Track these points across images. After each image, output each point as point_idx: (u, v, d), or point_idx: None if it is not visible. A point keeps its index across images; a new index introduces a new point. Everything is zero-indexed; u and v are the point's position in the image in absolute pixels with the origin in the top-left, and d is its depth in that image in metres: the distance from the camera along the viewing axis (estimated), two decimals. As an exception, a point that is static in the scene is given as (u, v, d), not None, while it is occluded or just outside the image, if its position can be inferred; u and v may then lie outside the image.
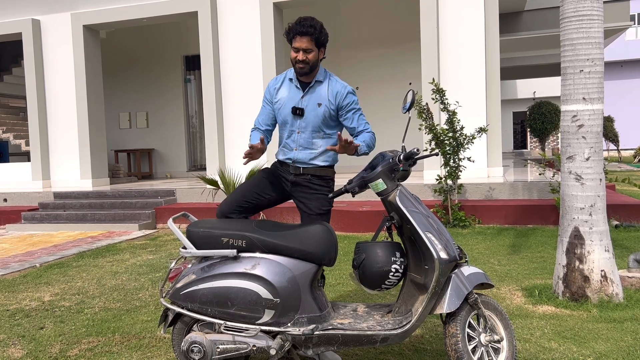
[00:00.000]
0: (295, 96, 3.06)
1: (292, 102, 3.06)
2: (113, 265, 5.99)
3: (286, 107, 3.07)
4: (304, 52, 2.91)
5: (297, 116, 3.05)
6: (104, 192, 9.78)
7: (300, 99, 3.05)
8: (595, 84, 3.99)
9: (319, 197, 3.10)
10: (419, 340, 3.40)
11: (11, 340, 3.74)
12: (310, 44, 2.90)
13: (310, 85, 3.04)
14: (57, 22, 10.97)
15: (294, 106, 3.05)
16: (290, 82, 3.08)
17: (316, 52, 2.94)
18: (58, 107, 11.06)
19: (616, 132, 22.16)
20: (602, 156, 4.08)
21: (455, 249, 2.65)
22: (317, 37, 2.90)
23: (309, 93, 3.04)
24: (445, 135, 7.18)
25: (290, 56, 2.98)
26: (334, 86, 3.04)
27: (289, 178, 3.13)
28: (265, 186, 3.15)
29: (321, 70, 3.06)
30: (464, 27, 8.87)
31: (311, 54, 2.92)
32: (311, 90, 3.04)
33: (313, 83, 3.04)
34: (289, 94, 3.07)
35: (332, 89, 3.03)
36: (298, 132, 3.07)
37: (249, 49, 9.92)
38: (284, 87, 3.10)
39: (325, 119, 3.04)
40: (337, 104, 3.03)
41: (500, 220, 7.39)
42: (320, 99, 3.03)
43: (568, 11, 4.03)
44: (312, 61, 2.93)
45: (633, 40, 28.96)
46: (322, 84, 3.04)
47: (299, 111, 3.03)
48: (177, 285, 2.72)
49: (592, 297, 3.97)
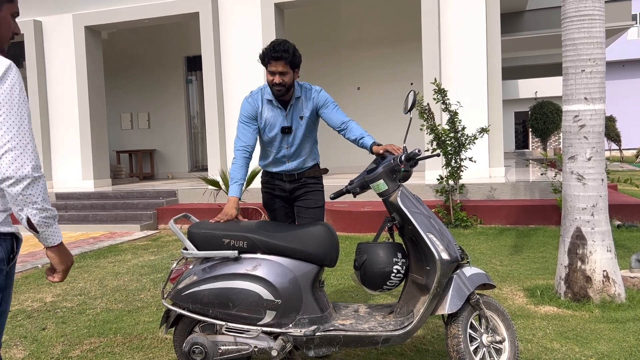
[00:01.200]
0: (280, 116, 3.15)
1: (278, 122, 3.15)
2: (115, 266, 6.00)
3: (274, 128, 3.15)
4: (280, 75, 3.00)
5: (286, 134, 3.17)
6: (106, 193, 9.79)
7: (284, 118, 3.15)
8: (596, 83, 3.99)
9: (315, 192, 3.30)
10: (421, 341, 3.40)
11: (13, 341, 3.75)
12: (285, 67, 2.98)
13: (291, 104, 3.14)
14: (59, 23, 10.98)
15: (283, 126, 3.14)
16: (270, 103, 3.14)
17: (291, 74, 3.03)
18: (60, 108, 11.08)
19: (618, 132, 22.13)
20: (604, 156, 4.07)
21: (457, 249, 2.65)
22: (290, 60, 2.98)
23: (292, 110, 3.16)
24: (447, 135, 7.17)
25: (267, 79, 3.07)
26: (307, 94, 3.17)
27: (286, 188, 3.29)
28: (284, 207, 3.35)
29: (296, 87, 3.15)
30: (466, 27, 8.86)
31: (286, 76, 3.01)
32: (293, 106, 3.16)
33: (294, 101, 3.14)
34: (274, 115, 3.14)
35: (306, 96, 3.16)
36: (287, 148, 3.20)
37: (250, 49, 9.92)
38: (266, 108, 3.15)
39: (309, 126, 3.20)
40: (314, 107, 3.17)
41: (502, 221, 7.38)
42: (300, 112, 3.16)
43: (569, 11, 4.02)
44: (287, 83, 3.03)
45: (635, 40, 28.91)
46: (300, 98, 3.16)
47: (287, 129, 3.15)
48: (178, 286, 2.72)
49: (594, 298, 3.96)
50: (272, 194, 3.35)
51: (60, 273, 1.91)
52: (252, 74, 9.92)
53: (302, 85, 3.18)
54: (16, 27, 1.98)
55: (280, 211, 3.37)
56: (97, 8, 10.73)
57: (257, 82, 9.89)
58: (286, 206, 3.37)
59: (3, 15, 1.89)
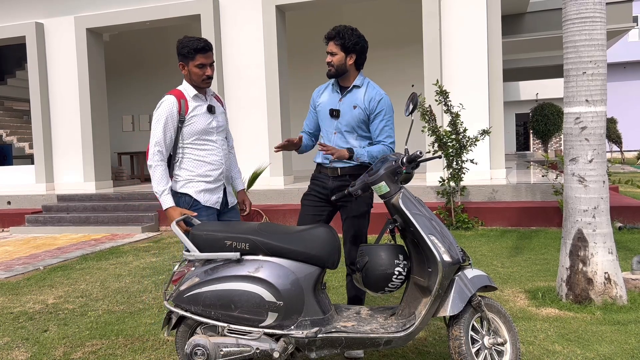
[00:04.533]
0: (334, 99, 3.24)
1: (330, 104, 3.25)
2: (116, 268, 6.00)
3: (325, 110, 3.27)
4: (330, 55, 3.16)
5: (333, 117, 3.21)
6: (108, 195, 9.81)
7: (338, 102, 3.22)
8: (598, 85, 3.99)
9: (357, 199, 3.17)
10: (423, 343, 3.40)
11: (15, 343, 3.75)
12: (334, 47, 3.13)
13: (348, 90, 3.20)
14: (60, 25, 11.01)
15: (331, 108, 3.22)
16: (332, 87, 3.29)
17: (341, 56, 3.12)
18: (61, 110, 11.10)
19: (619, 134, 22.13)
20: (605, 158, 4.07)
21: (459, 251, 2.65)
22: (341, 42, 3.11)
23: (347, 96, 3.20)
24: (448, 137, 7.17)
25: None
26: (370, 92, 3.18)
27: (328, 185, 3.22)
28: (316, 208, 3.26)
29: (360, 77, 3.22)
30: (467, 29, 8.87)
31: (335, 57, 3.14)
32: (349, 94, 3.20)
33: (351, 87, 3.20)
34: (328, 98, 3.27)
35: (368, 94, 3.17)
36: (334, 133, 3.22)
37: (251, 51, 9.93)
38: (326, 92, 3.31)
39: (359, 120, 3.17)
40: (370, 109, 3.16)
41: (504, 222, 7.38)
42: (356, 101, 3.18)
43: (571, 13, 4.03)
44: (336, 64, 3.14)
45: (636, 42, 28.91)
46: (360, 89, 3.20)
47: (335, 112, 3.20)
48: (180, 288, 2.73)
49: (596, 300, 3.96)
50: (313, 189, 3.27)
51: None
52: (254, 76, 9.93)
53: (369, 82, 3.22)
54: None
55: (308, 209, 3.24)
56: (99, 10, 10.76)
57: (259, 85, 9.91)
58: (319, 206, 3.24)
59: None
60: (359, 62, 3.19)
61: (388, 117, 3.16)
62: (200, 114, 3.18)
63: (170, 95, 3.16)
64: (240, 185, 3.54)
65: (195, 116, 3.16)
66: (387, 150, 3.14)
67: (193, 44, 3.12)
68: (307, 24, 12.73)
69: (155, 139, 3.10)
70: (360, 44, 3.13)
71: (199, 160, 3.19)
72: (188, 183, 3.18)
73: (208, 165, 3.21)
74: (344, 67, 3.15)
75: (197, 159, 3.19)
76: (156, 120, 3.12)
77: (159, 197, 3.07)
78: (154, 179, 3.09)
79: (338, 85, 3.25)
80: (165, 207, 3.05)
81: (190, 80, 3.20)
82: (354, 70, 3.20)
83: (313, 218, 3.24)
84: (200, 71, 3.14)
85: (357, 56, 3.15)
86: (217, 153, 3.24)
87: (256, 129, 9.95)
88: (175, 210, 3.03)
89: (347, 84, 3.22)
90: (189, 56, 3.13)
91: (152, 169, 3.09)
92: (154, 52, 13.91)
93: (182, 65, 3.18)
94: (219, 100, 3.40)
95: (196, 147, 3.19)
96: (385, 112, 3.15)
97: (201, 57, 3.13)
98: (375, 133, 3.17)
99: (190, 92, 3.20)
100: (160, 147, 3.10)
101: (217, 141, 3.26)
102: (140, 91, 14.06)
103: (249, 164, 9.84)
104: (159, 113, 3.12)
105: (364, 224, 3.21)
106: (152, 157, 3.10)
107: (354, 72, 3.21)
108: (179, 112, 3.12)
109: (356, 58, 3.16)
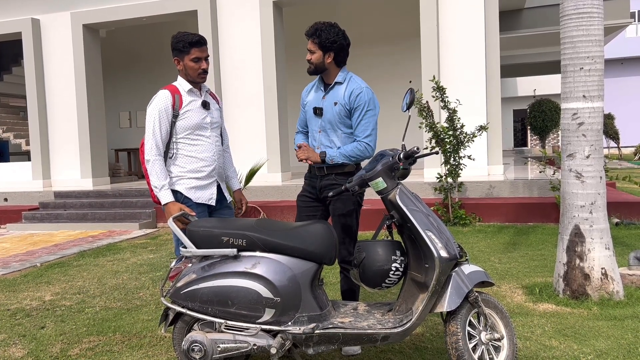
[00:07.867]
0: (318, 97, 3.26)
1: (314, 103, 3.26)
2: (114, 265, 5.99)
3: (310, 108, 3.29)
4: (309, 53, 3.16)
5: (317, 116, 3.21)
6: (105, 192, 9.79)
7: (321, 100, 3.22)
8: (595, 81, 3.99)
9: (342, 197, 3.14)
10: (420, 338, 3.40)
11: (12, 339, 3.75)
12: (312, 46, 3.13)
13: (331, 87, 3.19)
14: (56, 21, 10.96)
15: (315, 106, 3.22)
16: (317, 85, 3.30)
17: (319, 54, 3.13)
18: (58, 106, 11.06)
19: (616, 130, 22.15)
20: (602, 154, 4.08)
21: (456, 247, 2.65)
22: (318, 41, 3.10)
23: (329, 93, 3.19)
24: (446, 133, 7.17)
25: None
26: (351, 86, 3.15)
27: (317, 184, 3.22)
28: (310, 208, 3.28)
29: (342, 73, 3.19)
30: (464, 25, 8.86)
31: (314, 55, 3.13)
32: (332, 91, 3.18)
33: (333, 84, 3.18)
34: (314, 97, 3.29)
35: (349, 88, 3.14)
36: (319, 132, 3.22)
37: (248, 48, 9.91)
38: (312, 90, 3.33)
39: (341, 117, 3.14)
40: (350, 103, 3.12)
41: (501, 218, 7.39)
42: (337, 98, 3.15)
43: (568, 9, 4.02)
44: (314, 62, 3.14)
45: (633, 38, 28.91)
46: (342, 85, 3.17)
47: (318, 110, 3.20)
48: (177, 284, 2.72)
49: (593, 295, 3.97)
50: (305, 189, 3.31)
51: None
52: (251, 73, 9.91)
53: (351, 77, 3.18)
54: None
55: (303, 210, 3.27)
56: (95, 6, 10.71)
57: (256, 81, 9.89)
58: (313, 206, 3.26)
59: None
60: (338, 59, 3.15)
61: (366, 112, 3.09)
62: (194, 108, 3.17)
63: (164, 90, 3.14)
64: (237, 184, 3.54)
65: (190, 111, 3.15)
66: (361, 148, 3.09)
67: (188, 37, 3.11)
68: (304, 20, 12.69)
69: (150, 133, 3.08)
70: (338, 42, 3.08)
71: (191, 156, 3.18)
72: (179, 180, 3.17)
73: (200, 161, 3.19)
74: (323, 65, 3.14)
75: (189, 154, 3.17)
76: (150, 114, 3.11)
77: (158, 192, 3.05)
78: (153, 173, 3.07)
79: (322, 82, 3.26)
80: (165, 202, 3.04)
81: (186, 76, 3.19)
82: (334, 68, 3.17)
83: (308, 219, 3.25)
84: (196, 65, 3.13)
85: (335, 54, 3.12)
86: (210, 149, 3.23)
87: (253, 125, 9.93)
88: (175, 206, 3.02)
89: (329, 81, 3.22)
90: (184, 50, 3.12)
91: (151, 163, 3.07)
92: (150, 49, 13.86)
93: (177, 60, 3.17)
94: (214, 97, 3.38)
95: (189, 142, 3.17)
96: (364, 107, 3.08)
97: (196, 51, 3.12)
98: (355, 129, 3.13)
99: (185, 86, 3.19)
100: (156, 140, 3.09)
101: (211, 137, 3.24)
102: (137, 87, 14.02)
103: (247, 160, 9.83)
104: (152, 107, 3.11)
105: (352, 222, 3.17)
106: (149, 152, 3.08)
107: (335, 69, 3.18)
108: (173, 107, 3.11)
109: (335, 55, 3.12)
